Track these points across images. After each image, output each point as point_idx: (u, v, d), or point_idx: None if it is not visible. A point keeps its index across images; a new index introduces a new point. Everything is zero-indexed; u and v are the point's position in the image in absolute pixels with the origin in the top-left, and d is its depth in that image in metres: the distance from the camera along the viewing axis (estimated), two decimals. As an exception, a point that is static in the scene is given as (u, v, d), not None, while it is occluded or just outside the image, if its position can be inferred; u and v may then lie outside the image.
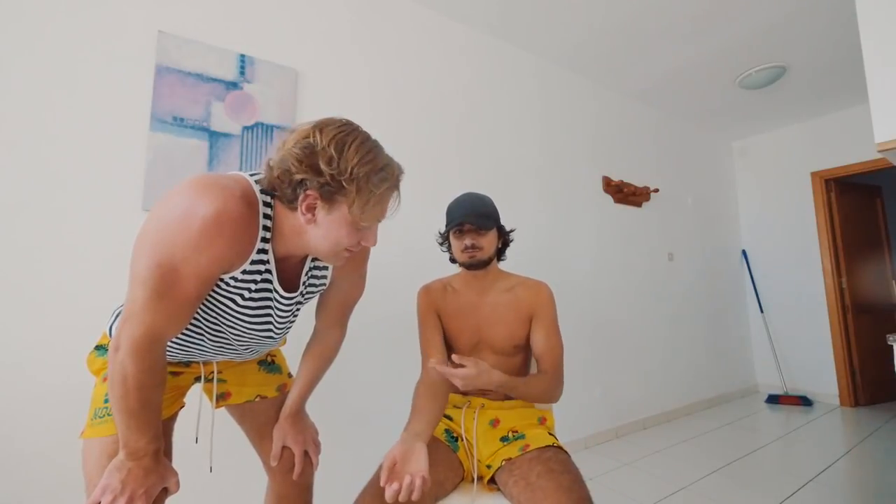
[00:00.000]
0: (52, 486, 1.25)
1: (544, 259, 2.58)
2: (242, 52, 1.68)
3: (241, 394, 1.02)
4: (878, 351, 3.51)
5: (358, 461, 1.78)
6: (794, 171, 3.85)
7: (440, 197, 2.19)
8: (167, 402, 0.91)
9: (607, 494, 1.99)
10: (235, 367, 1.02)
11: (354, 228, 0.75)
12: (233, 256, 0.70)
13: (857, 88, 3.16)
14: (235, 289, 0.76)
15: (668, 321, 3.30)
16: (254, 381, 1.04)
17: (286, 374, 1.12)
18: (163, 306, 0.67)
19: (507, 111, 2.54)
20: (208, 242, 0.65)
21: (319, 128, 0.71)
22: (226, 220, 0.65)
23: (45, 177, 1.31)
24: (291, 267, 0.85)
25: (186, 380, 0.97)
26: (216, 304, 0.79)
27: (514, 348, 1.22)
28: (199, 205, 0.64)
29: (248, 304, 0.80)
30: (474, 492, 1.07)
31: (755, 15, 2.35)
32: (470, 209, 1.19)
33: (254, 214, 0.72)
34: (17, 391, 1.24)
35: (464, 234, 1.20)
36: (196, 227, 0.64)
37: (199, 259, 0.65)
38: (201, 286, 0.69)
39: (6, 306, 1.24)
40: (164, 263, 0.65)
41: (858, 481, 2.12)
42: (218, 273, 0.71)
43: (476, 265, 1.21)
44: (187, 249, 0.64)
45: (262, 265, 0.76)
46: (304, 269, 0.87)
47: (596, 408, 2.70)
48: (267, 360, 1.08)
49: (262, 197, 0.73)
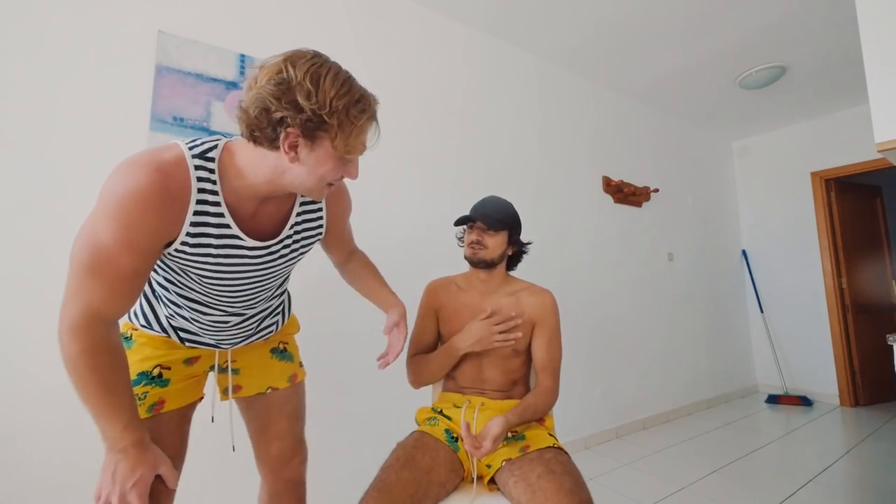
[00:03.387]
0: (53, 486, 1.25)
1: (544, 259, 2.58)
2: (242, 52, 1.68)
3: (252, 386, 1.03)
4: (878, 351, 3.51)
5: (357, 461, 1.78)
6: (794, 172, 3.85)
7: (439, 197, 2.19)
8: (183, 392, 0.92)
9: (607, 494, 1.99)
10: (248, 356, 1.02)
11: (339, 162, 0.75)
12: (165, 224, 0.70)
13: (857, 88, 3.16)
14: (196, 254, 0.76)
15: (668, 321, 3.30)
16: (266, 372, 1.04)
17: (297, 363, 1.12)
18: (96, 284, 0.67)
19: (506, 111, 2.54)
20: (128, 218, 0.66)
21: (291, 61, 0.68)
22: (140, 194, 0.66)
23: (45, 177, 1.31)
24: (269, 215, 0.84)
25: (201, 367, 0.97)
26: (192, 274, 0.80)
27: (513, 352, 1.23)
28: (115, 185, 0.66)
29: (221, 263, 0.79)
30: (474, 492, 1.07)
31: (755, 15, 2.35)
32: (483, 209, 1.24)
33: (181, 178, 0.71)
34: (17, 391, 1.24)
35: (472, 230, 1.25)
36: (115, 206, 0.65)
37: (127, 234, 0.66)
38: (137, 260, 0.69)
39: (7, 306, 1.24)
40: (94, 244, 0.66)
41: (858, 481, 2.12)
42: (155, 243, 0.71)
43: (478, 263, 1.24)
44: (113, 228, 0.65)
45: (212, 220, 0.75)
46: (291, 215, 0.86)
47: (596, 408, 2.70)
48: (279, 348, 1.08)
49: (193, 159, 0.73)
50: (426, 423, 1.20)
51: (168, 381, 0.91)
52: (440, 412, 1.22)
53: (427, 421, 1.21)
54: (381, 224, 1.97)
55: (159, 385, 0.89)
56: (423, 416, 1.25)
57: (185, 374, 0.93)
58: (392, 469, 1.00)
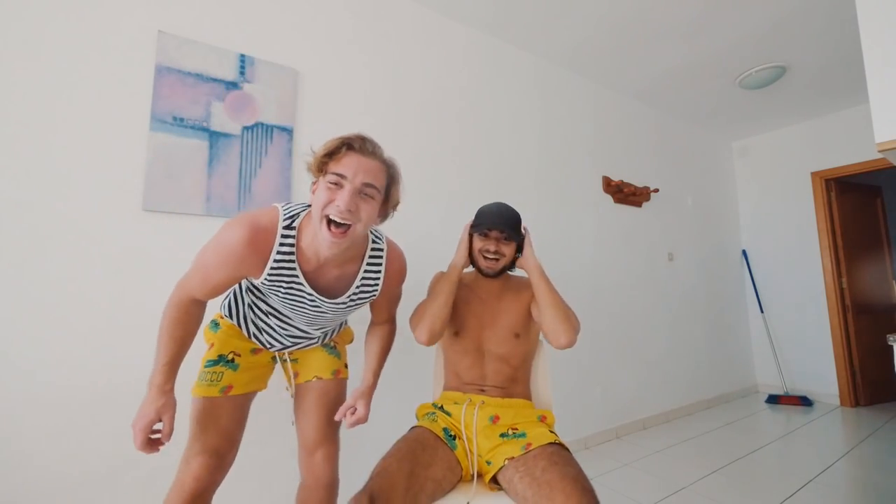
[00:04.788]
0: (53, 486, 1.25)
1: (544, 259, 2.56)
2: (242, 52, 1.68)
3: (305, 374, 1.23)
4: (878, 351, 3.51)
5: (358, 460, 1.78)
6: (794, 171, 3.85)
7: (439, 197, 2.19)
8: (248, 381, 1.16)
9: (607, 494, 1.99)
10: (305, 351, 1.24)
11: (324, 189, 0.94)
12: (251, 265, 0.97)
13: (857, 88, 3.16)
14: (270, 288, 1.03)
15: (669, 321, 3.30)
16: (316, 363, 1.23)
17: (343, 363, 1.29)
18: (198, 280, 0.98)
19: (506, 111, 2.54)
20: (223, 255, 0.95)
21: None
22: (232, 244, 0.94)
23: (45, 176, 1.31)
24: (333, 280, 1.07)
25: (264, 357, 1.20)
26: (268, 294, 1.08)
27: (514, 337, 1.27)
28: (224, 229, 0.96)
29: (286, 299, 1.05)
30: (473, 488, 1.07)
31: (755, 15, 2.35)
32: (501, 218, 1.25)
33: (269, 237, 0.97)
34: (17, 391, 1.24)
35: (489, 239, 1.27)
36: (219, 242, 0.96)
37: (219, 262, 0.96)
38: (224, 279, 0.98)
39: (6, 306, 1.24)
40: (202, 259, 0.98)
41: (858, 481, 2.12)
42: (241, 273, 0.99)
43: (493, 275, 1.28)
44: (213, 254, 0.96)
45: (286, 271, 1.00)
46: (354, 282, 1.09)
47: (596, 408, 2.70)
48: (330, 345, 1.28)
49: (283, 226, 0.98)
50: (425, 418, 1.21)
51: (238, 366, 1.15)
52: (440, 408, 1.23)
53: (426, 416, 1.22)
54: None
55: (231, 368, 1.13)
56: (422, 412, 1.26)
57: (251, 363, 1.17)
58: (393, 458, 1.02)
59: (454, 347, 1.30)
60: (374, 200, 0.97)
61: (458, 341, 1.29)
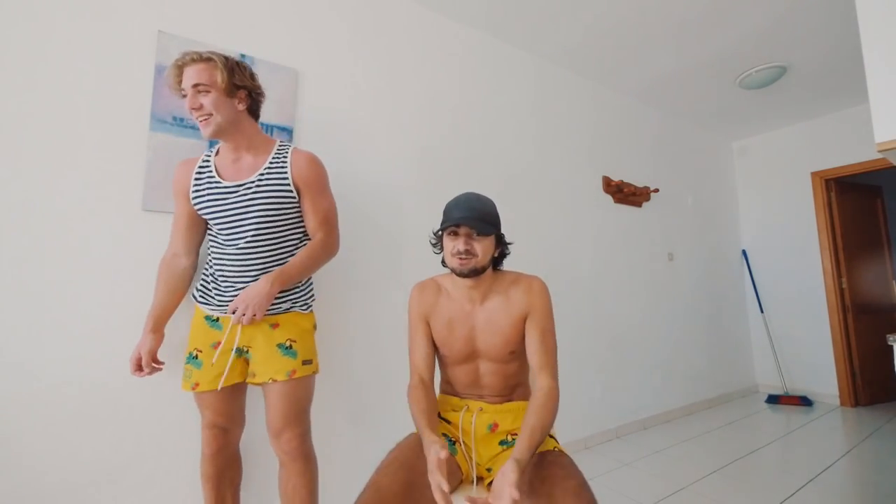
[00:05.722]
0: (53, 486, 1.25)
1: (544, 260, 2.58)
2: (242, 52, 1.68)
3: (261, 375, 1.25)
4: (878, 351, 3.51)
5: (356, 460, 1.78)
6: (794, 171, 3.85)
7: (438, 197, 2.19)
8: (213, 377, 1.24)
9: (607, 494, 1.99)
10: (259, 342, 1.26)
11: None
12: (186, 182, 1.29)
13: (857, 88, 3.16)
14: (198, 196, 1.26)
15: (669, 321, 3.30)
16: (272, 365, 1.25)
17: (300, 361, 1.29)
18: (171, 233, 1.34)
19: (506, 111, 2.54)
20: (175, 188, 1.31)
21: None
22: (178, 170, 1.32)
23: (45, 176, 1.31)
24: (246, 169, 1.29)
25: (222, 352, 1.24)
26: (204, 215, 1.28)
27: (510, 354, 1.16)
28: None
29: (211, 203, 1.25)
30: (474, 493, 1.06)
31: (755, 15, 2.35)
32: (469, 210, 1.10)
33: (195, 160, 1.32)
34: (16, 391, 1.23)
35: (458, 237, 1.11)
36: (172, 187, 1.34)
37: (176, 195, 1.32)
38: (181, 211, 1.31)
39: (6, 306, 1.24)
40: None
41: (858, 481, 2.12)
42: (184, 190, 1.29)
43: (467, 273, 1.11)
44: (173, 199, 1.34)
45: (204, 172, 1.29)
46: (262, 167, 1.29)
47: (596, 408, 2.70)
48: (286, 344, 1.28)
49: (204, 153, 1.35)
50: None
51: (202, 363, 1.25)
52: (437, 415, 1.20)
53: None
54: (379, 224, 1.97)
55: (195, 366, 1.25)
56: None
57: (211, 359, 1.24)
58: (388, 470, 0.98)
59: (445, 361, 1.23)
60: (212, 92, 1.18)
61: (449, 355, 1.21)
